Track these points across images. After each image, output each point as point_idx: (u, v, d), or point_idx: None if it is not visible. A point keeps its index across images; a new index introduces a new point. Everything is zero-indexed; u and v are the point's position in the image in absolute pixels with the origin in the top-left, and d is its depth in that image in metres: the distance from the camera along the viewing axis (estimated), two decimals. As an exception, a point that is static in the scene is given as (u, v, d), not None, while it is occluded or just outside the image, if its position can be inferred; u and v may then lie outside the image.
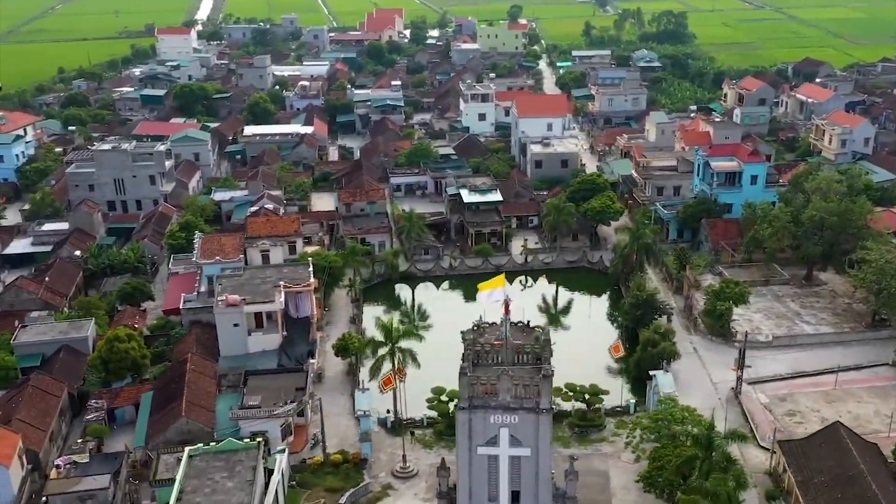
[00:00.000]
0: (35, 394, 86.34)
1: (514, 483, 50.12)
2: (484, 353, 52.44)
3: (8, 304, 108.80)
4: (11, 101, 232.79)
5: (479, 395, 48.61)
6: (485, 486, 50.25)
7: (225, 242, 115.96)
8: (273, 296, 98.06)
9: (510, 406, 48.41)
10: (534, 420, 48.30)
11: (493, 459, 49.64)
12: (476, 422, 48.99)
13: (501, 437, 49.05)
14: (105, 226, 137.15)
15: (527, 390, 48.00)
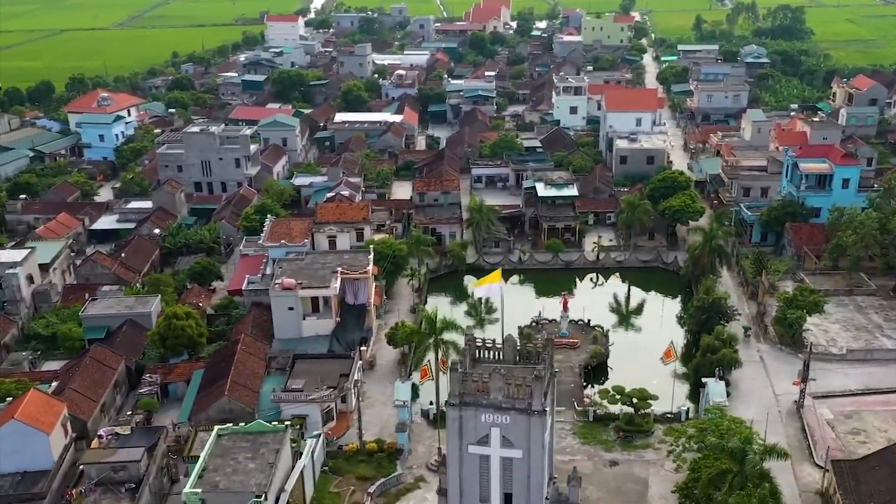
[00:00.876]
0: (92, 365, 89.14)
1: (507, 485, 48.48)
2: (485, 350, 50.92)
3: (83, 277, 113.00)
4: (123, 84, 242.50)
5: (470, 392, 47.17)
6: (476, 486, 48.78)
7: (293, 227, 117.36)
8: (329, 281, 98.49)
9: (502, 406, 46.79)
10: (526, 421, 46.52)
11: (484, 459, 48.15)
12: (467, 420, 47.56)
13: (493, 437, 47.49)
14: (188, 206, 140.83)
15: (520, 390, 46.28)
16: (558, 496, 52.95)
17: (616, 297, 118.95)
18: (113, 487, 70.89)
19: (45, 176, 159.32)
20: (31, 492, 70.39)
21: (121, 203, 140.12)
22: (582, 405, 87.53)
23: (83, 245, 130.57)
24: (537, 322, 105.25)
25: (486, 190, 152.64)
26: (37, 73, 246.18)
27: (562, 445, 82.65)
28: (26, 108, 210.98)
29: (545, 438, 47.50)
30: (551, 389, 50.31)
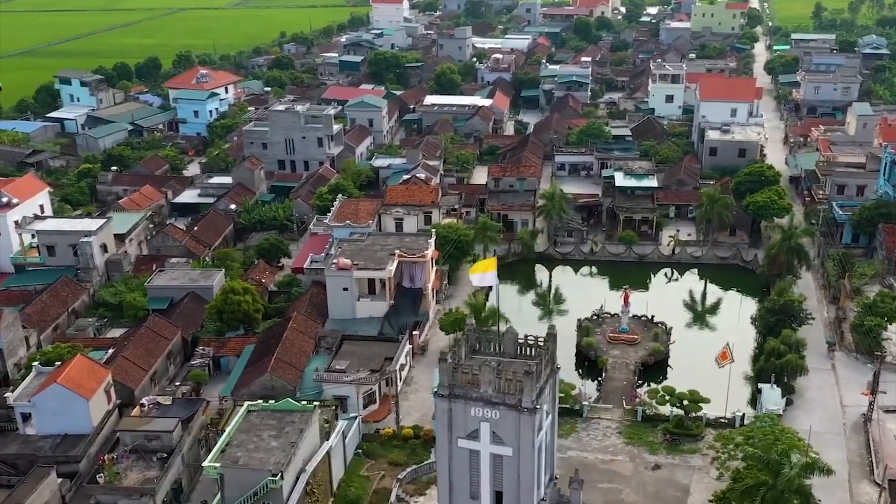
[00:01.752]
0: (147, 334, 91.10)
1: (497, 483, 46.46)
2: (485, 342, 48.93)
3: (155, 248, 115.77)
4: (228, 62, 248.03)
5: (461, 383, 45.32)
6: (467, 482, 46.96)
7: (361, 207, 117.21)
8: (385, 263, 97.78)
9: (492, 400, 44.76)
10: (516, 418, 44.38)
11: (474, 455, 46.27)
12: (456, 412, 45.74)
13: (482, 432, 45.54)
14: (268, 183, 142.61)
15: (510, 385, 44.15)
16: (559, 498, 50.63)
17: (688, 295, 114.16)
18: (146, 456, 72.11)
19: (140, 149, 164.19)
20: (68, 454, 72.24)
21: (203, 178, 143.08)
22: (631, 404, 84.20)
23: (164, 218, 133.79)
24: (598, 315, 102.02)
25: (568, 178, 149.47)
26: (150, 50, 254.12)
27: (604, 444, 79.99)
28: (133, 84, 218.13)
29: (537, 437, 45.25)
30: (550, 387, 47.93)
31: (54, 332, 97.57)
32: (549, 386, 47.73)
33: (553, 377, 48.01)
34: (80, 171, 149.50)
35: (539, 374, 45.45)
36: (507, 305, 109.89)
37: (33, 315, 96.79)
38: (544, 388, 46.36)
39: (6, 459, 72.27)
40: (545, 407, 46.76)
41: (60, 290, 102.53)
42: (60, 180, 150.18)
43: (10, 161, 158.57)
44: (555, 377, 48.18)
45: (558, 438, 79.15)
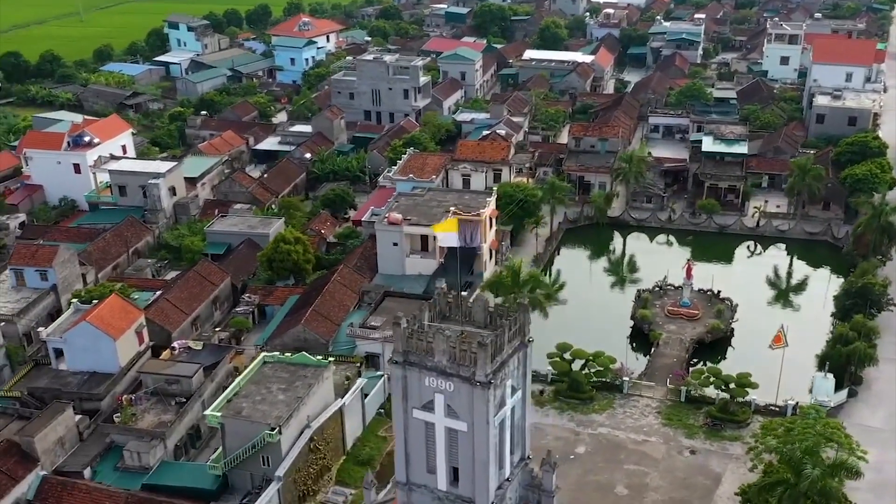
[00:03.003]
0: (194, 278, 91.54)
1: (453, 458, 43.42)
2: (455, 308, 45.57)
3: (223, 194, 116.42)
4: (339, 11, 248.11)
5: (416, 350, 42.30)
6: (423, 454, 44.12)
7: (428, 161, 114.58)
8: (438, 220, 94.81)
9: (446, 371, 41.55)
10: (469, 392, 41.10)
11: (430, 427, 43.30)
12: (411, 381, 42.74)
13: (437, 404, 42.45)
14: (350, 133, 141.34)
15: (465, 356, 40.83)
16: (531, 479, 47.15)
17: (770, 271, 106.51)
18: (165, 399, 72.28)
19: (236, 95, 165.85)
20: (91, 392, 73.24)
21: (285, 126, 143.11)
22: (675, 383, 79.09)
23: (244, 164, 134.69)
24: (660, 287, 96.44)
25: (661, 141, 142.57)
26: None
27: (639, 424, 75.50)
28: (242, 31, 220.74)
29: (494, 413, 41.82)
30: (519, 361, 44.25)
31: (113, 270, 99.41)
32: (518, 360, 44.09)
33: (523, 351, 44.28)
34: (171, 114, 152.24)
35: (500, 346, 41.91)
36: (572, 271, 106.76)
37: (94, 253, 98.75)
38: (507, 362, 42.79)
39: (34, 392, 73.96)
40: (508, 382, 43.22)
41: (124, 230, 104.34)
42: (154, 123, 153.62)
43: (111, 102, 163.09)
44: (525, 351, 44.42)
45: (592, 414, 76.51)
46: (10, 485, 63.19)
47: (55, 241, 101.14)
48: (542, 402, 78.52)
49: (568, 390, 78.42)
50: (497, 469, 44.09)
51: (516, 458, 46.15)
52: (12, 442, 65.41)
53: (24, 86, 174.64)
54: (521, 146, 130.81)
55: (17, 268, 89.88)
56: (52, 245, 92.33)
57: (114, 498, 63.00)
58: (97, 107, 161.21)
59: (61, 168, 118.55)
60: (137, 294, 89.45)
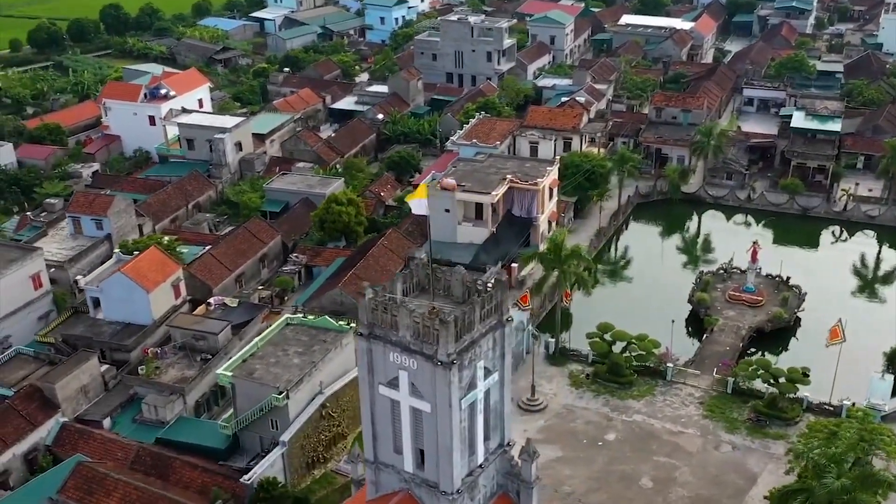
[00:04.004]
0: (243, 235, 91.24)
1: (418, 440, 40.83)
2: (435, 279, 42.71)
3: (288, 151, 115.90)
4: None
5: (381, 323, 39.73)
6: (390, 433, 41.72)
7: (496, 127, 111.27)
8: (493, 188, 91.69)
9: (410, 347, 38.85)
10: (432, 371, 38.33)
11: (395, 405, 40.77)
12: (377, 355, 40.20)
13: (402, 381, 39.85)
14: (427, 95, 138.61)
15: (429, 333, 38.03)
16: (510, 468, 44.13)
17: (853, 259, 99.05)
18: (191, 354, 72.09)
19: (323, 53, 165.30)
20: (121, 342, 73.69)
21: (363, 86, 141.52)
22: (722, 373, 74.17)
23: (320, 122, 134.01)
24: (725, 270, 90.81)
25: (755, 115, 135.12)
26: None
27: (678, 413, 71.15)
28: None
29: (460, 396, 38.94)
30: (495, 341, 41.15)
31: (172, 223, 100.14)
32: (493, 340, 41.02)
33: (499, 330, 41.16)
34: (255, 70, 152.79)
35: (468, 324, 38.93)
36: (638, 248, 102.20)
37: (153, 205, 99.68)
38: (479, 342, 39.79)
39: (68, 340, 74.99)
40: (480, 364, 40.24)
41: (186, 184, 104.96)
42: (240, 78, 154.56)
43: (201, 56, 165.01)
44: (502, 330, 41.28)
45: (630, 400, 72.56)
46: (29, 429, 64.13)
47: (121, 191, 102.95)
48: (579, 383, 74.93)
49: (607, 373, 74.53)
50: (466, 455, 41.32)
51: (493, 444, 43.23)
52: (35, 387, 66.30)
53: (122, 38, 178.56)
54: (602, 115, 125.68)
55: (74, 215, 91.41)
56: (109, 194, 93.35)
57: (126, 450, 63.21)
58: (188, 61, 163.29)
59: (137, 119, 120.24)
60: (186, 248, 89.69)
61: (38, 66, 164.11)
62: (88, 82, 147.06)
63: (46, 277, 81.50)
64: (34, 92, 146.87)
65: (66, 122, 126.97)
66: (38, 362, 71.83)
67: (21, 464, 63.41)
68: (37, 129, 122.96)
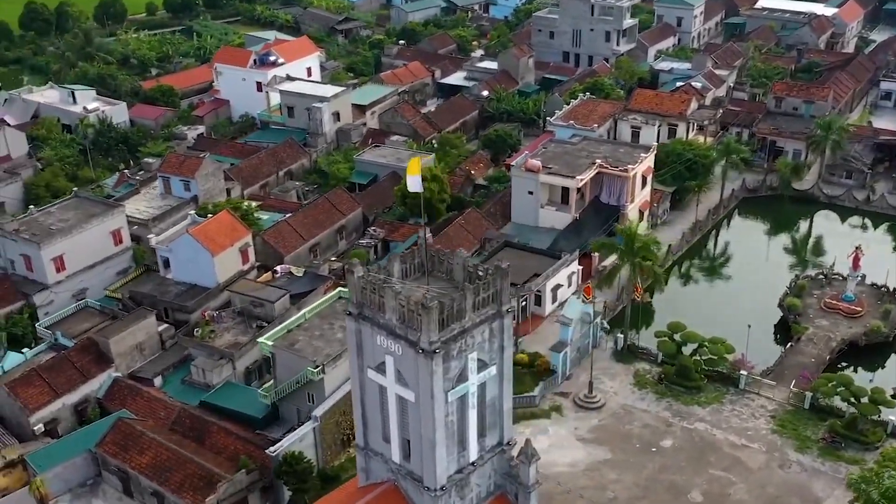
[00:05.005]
0: (323, 205, 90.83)
1: (405, 430, 38.44)
2: (438, 262, 39.98)
3: (385, 124, 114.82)
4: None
5: (371, 304, 37.44)
6: (379, 419, 39.53)
7: (597, 109, 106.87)
8: (580, 172, 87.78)
9: (395, 332, 36.43)
10: (415, 359, 35.84)
11: (383, 391, 38.50)
12: (365, 336, 38.00)
13: (388, 367, 37.53)
14: (539, 74, 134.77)
15: (413, 318, 35.47)
16: (508, 468, 41.23)
17: None
18: (248, 320, 72.02)
19: (443, 27, 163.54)
20: (183, 303, 74.41)
21: (473, 61, 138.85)
22: (800, 386, 68.32)
23: (427, 96, 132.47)
24: (824, 275, 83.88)
25: (890, 110, 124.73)
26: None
27: (745, 426, 66.10)
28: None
29: (445, 387, 36.29)
30: (494, 332, 38.20)
31: (261, 189, 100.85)
32: (490, 331, 38.11)
33: (498, 321, 38.21)
34: (371, 41, 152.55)
35: (457, 312, 36.22)
36: (738, 244, 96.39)
37: (245, 169, 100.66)
38: (471, 332, 36.99)
39: (134, 296, 76.34)
40: (472, 355, 37.46)
41: (280, 151, 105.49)
42: (357, 49, 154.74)
43: (323, 26, 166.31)
44: (501, 322, 38.31)
45: (695, 406, 67.95)
46: (82, 381, 65.64)
47: (219, 155, 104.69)
48: (644, 383, 70.69)
49: (675, 376, 69.95)
50: (455, 451, 38.90)
51: (490, 442, 40.55)
52: (92, 340, 67.74)
53: (252, 5, 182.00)
54: (718, 102, 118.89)
55: (165, 175, 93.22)
56: (199, 157, 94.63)
57: (168, 410, 63.79)
58: (311, 30, 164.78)
59: (245, 85, 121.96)
60: (267, 215, 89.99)
61: (168, 31, 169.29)
62: (210, 47, 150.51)
63: (127, 234, 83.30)
64: (160, 55, 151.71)
65: (180, 85, 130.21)
66: (103, 316, 73.42)
67: (71, 414, 64.94)
68: (151, 90, 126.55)
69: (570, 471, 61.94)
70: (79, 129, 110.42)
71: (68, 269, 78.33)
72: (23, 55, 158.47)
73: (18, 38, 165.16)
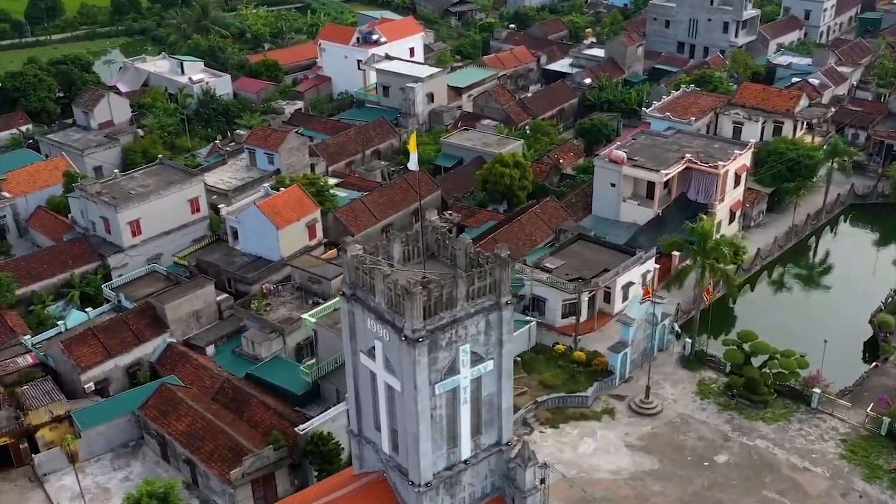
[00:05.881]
0: (401, 186, 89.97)
1: (393, 420, 36.57)
2: (442, 247, 37.72)
3: (479, 108, 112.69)
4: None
5: (363, 285, 35.65)
6: (371, 406, 37.81)
7: (698, 102, 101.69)
8: (667, 166, 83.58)
9: (384, 316, 34.55)
10: (399, 346, 33.90)
11: (374, 378, 36.73)
12: (358, 319, 36.27)
13: (377, 352, 35.72)
14: (648, 64, 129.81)
15: (401, 303, 33.45)
16: (506, 471, 38.85)
17: None
18: (305, 296, 71.75)
19: (557, 12, 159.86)
20: (245, 274, 74.79)
21: (581, 48, 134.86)
22: (878, 410, 62.84)
23: (530, 82, 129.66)
24: (927, 295, 77.11)
25: None
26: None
27: (810, 447, 61.38)
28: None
29: (430, 378, 34.16)
30: (492, 325, 35.80)
31: (347, 166, 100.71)
32: (487, 323, 35.72)
33: (496, 313, 35.79)
34: (481, 24, 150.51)
35: (446, 300, 34.03)
36: (839, 253, 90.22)
37: (331, 146, 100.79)
38: (463, 322, 34.69)
39: (200, 264, 77.22)
40: (464, 347, 35.21)
41: (369, 129, 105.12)
42: (468, 31, 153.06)
43: (438, 7, 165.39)
44: (499, 314, 35.86)
45: (758, 422, 63.75)
46: (135, 343, 66.71)
47: (311, 130, 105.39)
48: (707, 392, 66.60)
49: (742, 388, 65.53)
50: (444, 446, 36.92)
51: (486, 440, 38.33)
52: (150, 305, 68.75)
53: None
54: (838, 101, 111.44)
55: (250, 148, 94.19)
56: (284, 131, 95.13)
57: (214, 379, 64.09)
58: (426, 11, 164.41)
59: (347, 63, 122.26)
60: (345, 192, 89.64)
61: (285, 8, 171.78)
62: (323, 24, 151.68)
63: (205, 203, 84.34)
64: (274, 30, 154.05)
65: (286, 61, 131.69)
66: (168, 282, 74.54)
67: (122, 375, 66.13)
68: (257, 64, 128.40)
69: (611, 478, 58.89)
70: (178, 97, 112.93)
71: (144, 234, 79.93)
72: (148, 26, 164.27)
73: (146, 10, 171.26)
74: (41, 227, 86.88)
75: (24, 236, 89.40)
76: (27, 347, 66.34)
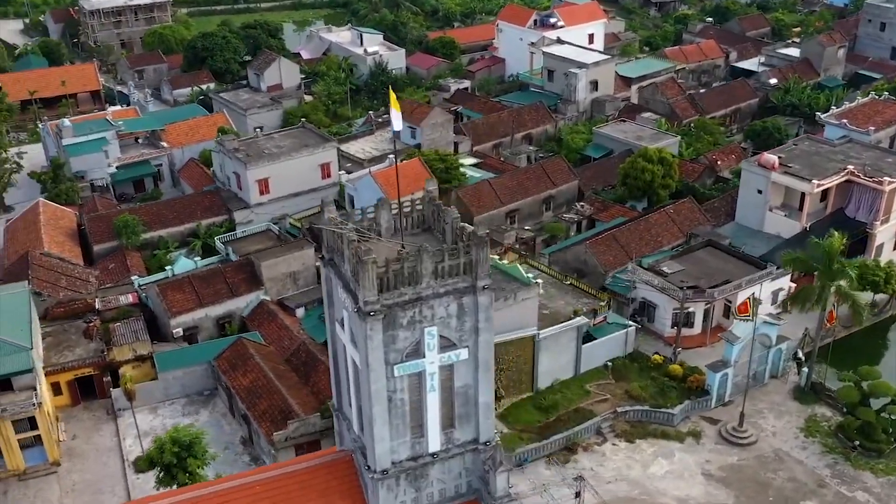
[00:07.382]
0: (535, 172, 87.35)
1: (358, 397, 33.96)
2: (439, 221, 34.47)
3: (644, 100, 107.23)
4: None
5: (337, 251, 33.20)
6: (346, 380, 35.45)
7: (884, 111, 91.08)
8: (822, 177, 75.17)
9: (349, 285, 31.97)
10: (357, 320, 31.24)
11: (344, 349, 34.31)
12: (333, 286, 33.90)
13: (345, 323, 33.26)
14: (850, 68, 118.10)
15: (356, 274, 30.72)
16: (482, 471, 35.35)
17: None
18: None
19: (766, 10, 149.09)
20: (351, 243, 74.30)
21: (774, 46, 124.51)
22: None
23: (716, 78, 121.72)
24: None
25: None
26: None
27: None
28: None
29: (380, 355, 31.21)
30: (468, 310, 32.29)
31: (493, 148, 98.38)
32: (461, 307, 32.22)
33: (471, 297, 32.29)
34: (676, 16, 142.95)
35: (408, 274, 31.00)
36: None
37: (480, 126, 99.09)
38: (429, 301, 31.49)
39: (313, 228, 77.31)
40: (430, 329, 31.98)
41: (524, 113, 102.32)
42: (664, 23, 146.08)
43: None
44: (474, 298, 32.27)
45: (866, 472, 56.71)
46: (229, 296, 68.02)
47: (468, 109, 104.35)
48: (814, 431, 59.16)
49: (856, 431, 57.66)
50: (406, 434, 34.16)
51: (461, 436, 35.14)
52: (249, 261, 69.84)
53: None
54: None
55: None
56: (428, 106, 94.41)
57: (293, 340, 64.49)
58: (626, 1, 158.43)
59: (521, 45, 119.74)
60: (480, 173, 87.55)
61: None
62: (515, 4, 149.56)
63: (336, 169, 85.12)
64: (466, 10, 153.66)
65: (464, 40, 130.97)
66: (277, 242, 75.41)
67: (213, 325, 67.65)
68: (434, 41, 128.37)
69: (676, 506, 53.55)
70: (342, 65, 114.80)
71: (272, 193, 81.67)
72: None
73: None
74: (189, 178, 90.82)
75: (176, 185, 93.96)
76: (133, 288, 69.16)
